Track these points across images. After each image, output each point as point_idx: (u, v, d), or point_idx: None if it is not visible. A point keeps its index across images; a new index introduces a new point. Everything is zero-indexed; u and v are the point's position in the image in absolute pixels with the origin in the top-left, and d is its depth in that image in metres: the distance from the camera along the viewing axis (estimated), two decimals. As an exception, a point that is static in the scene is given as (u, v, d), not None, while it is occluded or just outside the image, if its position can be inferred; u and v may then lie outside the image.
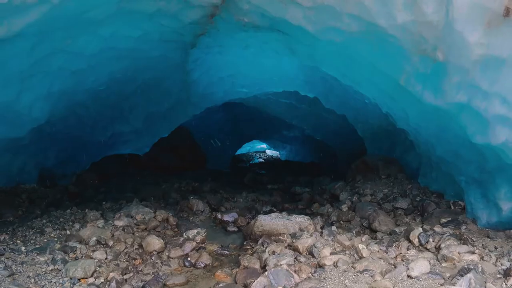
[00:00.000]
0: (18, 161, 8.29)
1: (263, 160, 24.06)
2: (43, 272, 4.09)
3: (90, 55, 5.32)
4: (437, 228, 5.61)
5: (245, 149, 25.72)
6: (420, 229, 5.34)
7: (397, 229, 5.94)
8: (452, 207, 6.57)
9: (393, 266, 4.27)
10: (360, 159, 9.74)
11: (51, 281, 3.94)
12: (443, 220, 6.04)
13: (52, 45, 4.48)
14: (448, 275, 4.04)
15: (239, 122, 18.13)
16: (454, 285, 3.56)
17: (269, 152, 27.45)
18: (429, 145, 6.36)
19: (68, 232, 5.65)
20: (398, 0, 3.60)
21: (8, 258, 4.21)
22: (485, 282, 3.72)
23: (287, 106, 13.55)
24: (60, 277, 4.05)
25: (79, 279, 4.10)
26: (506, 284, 3.91)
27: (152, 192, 9.49)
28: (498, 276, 4.13)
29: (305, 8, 4.31)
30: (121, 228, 5.81)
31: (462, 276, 3.74)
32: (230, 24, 5.26)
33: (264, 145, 27.02)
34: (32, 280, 3.90)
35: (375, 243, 5.00)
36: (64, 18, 3.92)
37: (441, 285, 3.72)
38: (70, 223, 6.17)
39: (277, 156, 25.92)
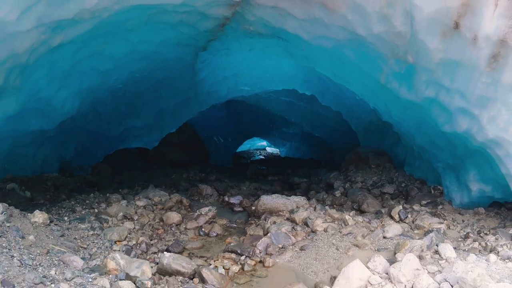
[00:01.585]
0: (42, 153, 9.14)
1: (263, 157, 24.62)
2: (86, 236, 4.99)
3: (118, 57, 6.21)
4: (416, 207, 6.48)
5: (245, 146, 26.38)
6: (401, 207, 6.24)
7: (382, 210, 6.81)
8: (432, 192, 7.42)
9: (373, 232, 5.17)
10: (353, 151, 10.64)
11: (93, 242, 4.84)
12: (423, 202, 6.89)
13: (90, 49, 5.37)
14: (417, 237, 4.93)
15: (241, 120, 18.83)
16: (418, 240, 4.45)
17: (269, 149, 28.05)
18: (410, 136, 7.24)
19: (96, 210, 6.51)
20: (373, 15, 4.51)
21: (56, 224, 5.08)
22: (444, 239, 4.62)
23: (287, 103, 14.35)
24: (100, 239, 4.96)
25: (115, 241, 5.01)
26: (463, 244, 4.82)
27: (163, 181, 10.38)
28: (459, 239, 5.04)
29: (300, 20, 5.22)
30: (142, 207, 6.70)
31: (426, 235, 4.65)
32: (237, 32, 6.18)
33: (264, 142, 27.68)
34: (79, 240, 4.79)
35: (360, 216, 5.91)
36: (106, 28, 4.81)
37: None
38: (96, 204, 7.03)
39: (277, 153, 26.48)
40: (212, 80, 10.47)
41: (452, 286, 3.25)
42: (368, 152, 10.07)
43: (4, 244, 3.32)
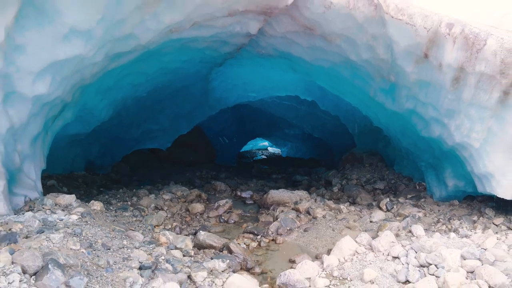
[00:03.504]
0: (72, 154, 10.25)
1: (265, 157, 25.64)
2: (131, 221, 6.16)
3: (149, 73, 7.37)
4: (401, 200, 7.61)
5: (248, 146, 27.41)
6: (388, 200, 7.38)
7: (373, 203, 7.95)
8: (417, 187, 8.53)
9: (362, 218, 6.35)
10: (349, 152, 11.81)
11: (138, 225, 6.01)
12: (409, 196, 7.99)
13: (131, 69, 6.54)
14: (397, 221, 6.10)
15: (245, 122, 19.88)
16: (396, 223, 5.63)
17: (271, 149, 29.13)
18: (397, 139, 8.40)
19: (129, 202, 7.66)
20: (361, 46, 5.70)
21: (106, 212, 6.25)
22: (417, 222, 5.80)
23: (289, 107, 15.44)
24: (142, 224, 6.12)
25: (154, 226, 6.17)
26: (434, 227, 5.98)
27: (179, 178, 11.55)
28: (432, 224, 6.19)
29: (303, 47, 6.44)
30: (169, 199, 7.88)
31: (403, 220, 5.83)
32: (251, 53, 7.38)
33: (266, 143, 28.75)
34: (127, 225, 5.95)
35: (353, 206, 7.09)
36: (147, 54, 5.97)
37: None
38: (127, 198, 8.16)
39: (278, 153, 27.52)
40: (223, 87, 11.61)
41: (416, 252, 4.43)
42: (362, 153, 11.23)
43: (89, 222, 4.50)
